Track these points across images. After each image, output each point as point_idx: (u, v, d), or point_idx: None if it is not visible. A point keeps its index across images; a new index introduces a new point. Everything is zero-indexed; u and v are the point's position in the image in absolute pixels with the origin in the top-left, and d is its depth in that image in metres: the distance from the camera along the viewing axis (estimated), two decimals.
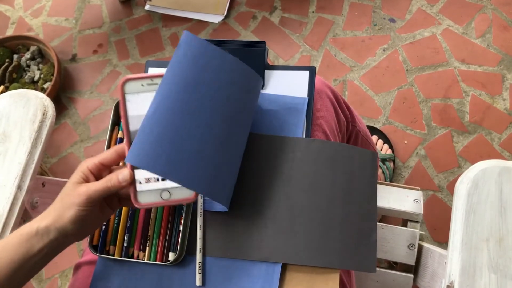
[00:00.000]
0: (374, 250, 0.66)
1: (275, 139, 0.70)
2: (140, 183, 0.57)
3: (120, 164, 0.63)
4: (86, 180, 0.57)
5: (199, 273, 0.65)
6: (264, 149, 0.70)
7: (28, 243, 0.55)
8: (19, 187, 0.72)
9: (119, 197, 0.61)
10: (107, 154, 0.59)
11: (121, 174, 0.56)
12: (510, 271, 0.57)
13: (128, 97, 0.57)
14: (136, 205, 0.57)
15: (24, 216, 0.75)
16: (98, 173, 0.58)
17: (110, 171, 0.59)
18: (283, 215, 0.66)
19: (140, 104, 0.57)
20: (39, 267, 0.58)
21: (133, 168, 0.57)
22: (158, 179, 0.57)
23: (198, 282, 0.65)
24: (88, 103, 1.63)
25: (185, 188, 0.57)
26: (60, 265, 1.40)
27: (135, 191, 0.57)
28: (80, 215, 0.55)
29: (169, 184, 0.57)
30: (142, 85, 0.57)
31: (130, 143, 0.57)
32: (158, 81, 0.57)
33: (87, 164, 0.58)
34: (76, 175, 0.57)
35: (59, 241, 0.56)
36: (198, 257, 0.66)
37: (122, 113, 0.57)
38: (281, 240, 0.65)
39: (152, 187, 0.57)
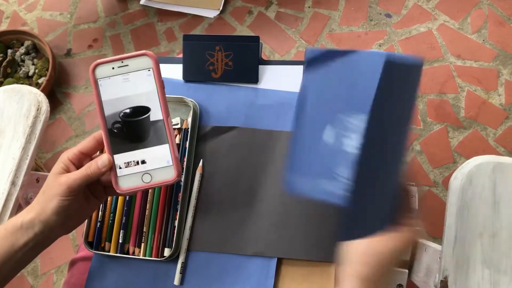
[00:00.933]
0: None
1: (269, 133, 0.70)
2: (120, 168, 0.56)
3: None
4: (67, 170, 0.56)
5: (180, 273, 0.65)
6: (258, 144, 0.70)
7: (13, 237, 0.54)
8: (13, 183, 0.71)
9: (104, 185, 0.60)
10: (86, 142, 0.58)
11: (100, 160, 0.55)
12: (503, 266, 0.57)
13: (100, 82, 0.56)
14: (118, 191, 0.56)
15: (18, 212, 0.74)
16: (79, 162, 0.57)
17: (91, 160, 0.58)
18: (278, 210, 0.66)
19: (112, 88, 0.56)
20: (27, 261, 0.57)
21: (111, 152, 0.56)
22: (138, 162, 0.56)
23: (176, 281, 0.65)
24: (83, 98, 1.62)
25: (166, 169, 0.56)
26: (56, 260, 1.40)
27: (116, 176, 0.56)
28: (63, 205, 0.54)
29: (149, 166, 0.56)
30: (113, 68, 0.56)
31: (106, 128, 0.56)
32: (128, 62, 0.55)
33: (67, 155, 0.57)
34: (57, 166, 0.56)
35: (45, 234, 0.55)
36: (182, 257, 0.66)
37: (95, 99, 0.56)
38: (276, 234, 0.65)
39: (133, 171, 0.56)
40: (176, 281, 0.65)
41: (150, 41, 1.68)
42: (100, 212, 0.68)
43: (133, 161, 0.56)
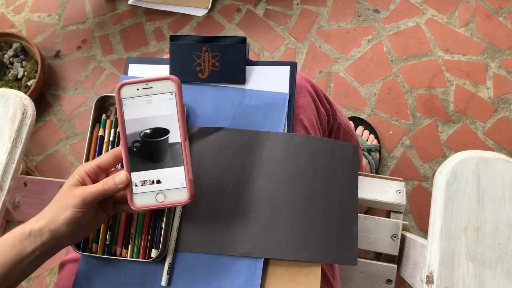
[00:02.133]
0: (355, 243, 0.66)
1: (256, 134, 0.70)
2: (136, 185, 0.59)
3: (118, 167, 0.64)
4: (83, 183, 0.57)
5: (167, 274, 0.66)
6: (245, 144, 0.70)
7: (21, 245, 0.55)
8: (0, 188, 0.71)
9: (114, 201, 0.62)
10: (104, 157, 0.59)
11: (118, 177, 0.57)
12: (487, 260, 0.58)
13: (125, 102, 0.58)
14: (132, 207, 0.59)
15: (6, 216, 0.74)
16: (96, 176, 0.59)
17: (107, 175, 0.60)
18: (265, 210, 0.66)
19: (135, 108, 0.58)
20: (31, 269, 0.58)
21: (129, 170, 0.58)
22: (153, 182, 0.58)
23: (163, 282, 0.65)
24: (72, 100, 1.62)
25: (179, 190, 0.58)
26: (49, 263, 1.39)
27: (132, 193, 0.59)
28: (75, 217, 0.55)
29: (164, 186, 0.58)
30: (137, 89, 0.58)
31: (126, 146, 0.58)
32: (153, 84, 0.58)
33: (84, 168, 0.58)
34: (73, 178, 0.57)
35: (52, 243, 0.56)
36: (169, 258, 0.66)
37: (119, 118, 0.58)
38: (263, 235, 0.65)
39: (148, 190, 0.59)
40: (163, 282, 0.65)
41: (139, 41, 1.68)
42: None
43: (149, 180, 0.59)
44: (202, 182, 0.69)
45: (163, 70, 0.75)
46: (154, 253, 0.66)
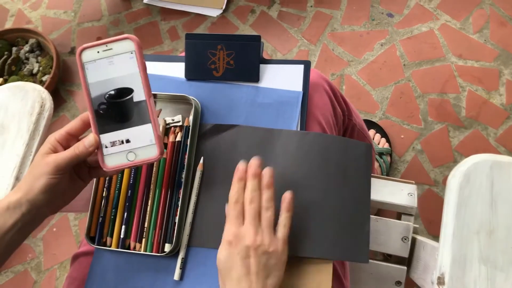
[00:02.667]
0: (367, 240, 0.66)
1: (269, 132, 0.71)
2: (106, 147, 0.59)
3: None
4: (55, 151, 0.58)
5: (180, 268, 0.66)
6: (258, 142, 0.70)
7: (1, 219, 0.55)
8: (17, 178, 0.73)
9: (89, 166, 0.62)
10: (73, 123, 0.60)
11: (87, 140, 0.57)
12: (499, 263, 0.58)
13: (87, 66, 0.59)
14: (104, 169, 0.59)
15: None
16: (67, 143, 0.59)
17: (78, 141, 0.60)
18: (277, 207, 0.67)
19: (98, 71, 0.58)
20: (17, 243, 0.58)
21: (98, 132, 0.59)
22: (123, 141, 0.59)
23: (176, 277, 0.66)
24: None
25: (149, 147, 0.59)
26: (59, 256, 1.41)
27: (102, 155, 0.59)
28: (50, 183, 0.56)
29: (133, 145, 0.59)
30: (98, 52, 0.58)
31: (92, 109, 0.59)
32: (112, 45, 0.58)
33: (54, 136, 0.58)
34: (44, 147, 0.58)
35: (32, 213, 0.56)
36: (182, 253, 0.67)
37: (82, 82, 0.59)
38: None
39: (118, 150, 0.59)
40: (176, 276, 0.66)
41: (154, 40, 1.69)
42: (102, 208, 0.69)
43: (118, 140, 0.59)
44: (216, 178, 0.70)
45: (179, 67, 0.76)
46: (167, 247, 0.67)
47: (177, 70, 0.76)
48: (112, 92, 0.58)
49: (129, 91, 0.58)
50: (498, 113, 1.41)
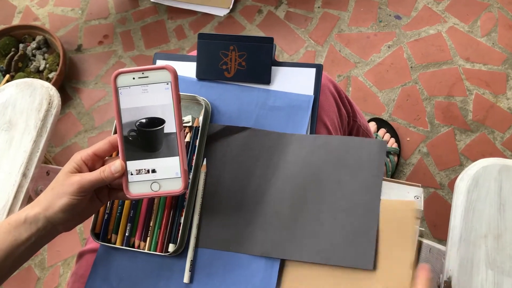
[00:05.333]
0: (372, 246, 0.65)
1: (281, 136, 0.70)
2: (132, 174, 0.59)
3: (113, 155, 0.65)
4: (79, 171, 0.58)
5: (189, 271, 0.66)
6: (270, 146, 0.70)
7: (17, 232, 0.56)
8: (24, 175, 0.73)
9: (110, 188, 0.62)
10: (100, 145, 0.60)
11: (114, 165, 0.57)
12: (507, 268, 0.58)
13: (121, 90, 0.59)
14: (127, 195, 0.59)
15: (29, 203, 0.75)
16: (92, 163, 0.59)
17: (103, 163, 0.61)
18: (286, 212, 0.66)
19: (131, 97, 0.59)
20: (27, 256, 0.59)
21: (125, 159, 0.59)
22: (148, 171, 0.59)
23: (186, 279, 0.66)
24: (92, 94, 1.63)
25: (174, 180, 0.59)
26: (63, 253, 1.42)
27: (127, 182, 0.59)
28: (72, 204, 0.56)
29: (159, 176, 0.59)
30: (133, 78, 0.58)
31: (122, 134, 0.59)
32: (149, 74, 0.58)
33: (80, 155, 0.59)
34: (69, 165, 0.58)
35: (47, 229, 0.57)
36: (190, 255, 0.66)
37: (114, 106, 0.59)
38: (283, 236, 0.65)
39: (143, 179, 0.59)
40: (186, 279, 0.66)
41: (160, 39, 1.69)
42: (108, 205, 0.69)
43: (144, 169, 0.59)
44: (225, 180, 0.70)
45: (190, 67, 0.76)
46: (171, 247, 0.67)
47: (188, 69, 0.76)
48: (143, 121, 0.59)
49: (160, 121, 0.58)
50: (505, 117, 1.40)
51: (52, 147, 1.57)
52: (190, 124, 0.71)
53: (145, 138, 0.59)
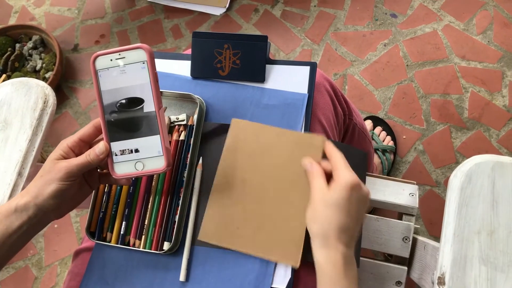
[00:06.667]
0: (358, 246, 0.67)
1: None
2: (116, 155, 0.60)
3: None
4: (66, 157, 0.58)
5: (186, 269, 0.66)
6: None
7: (8, 221, 0.56)
8: (19, 174, 0.73)
9: (100, 173, 0.63)
10: (85, 130, 0.60)
11: (98, 148, 0.58)
12: (500, 263, 0.58)
13: (100, 73, 0.59)
14: (113, 176, 0.60)
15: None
16: (79, 149, 0.60)
17: (90, 147, 0.61)
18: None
19: (110, 79, 0.59)
20: (20, 245, 0.59)
21: (108, 140, 0.60)
22: (132, 151, 0.60)
23: (182, 278, 0.66)
24: (89, 93, 1.63)
25: (157, 158, 0.59)
26: (60, 253, 1.42)
27: (112, 163, 0.60)
28: (61, 189, 0.56)
29: (142, 155, 0.59)
30: (111, 60, 0.59)
31: (104, 117, 0.59)
32: (125, 54, 0.59)
33: (66, 142, 0.59)
34: (56, 153, 0.58)
35: (38, 217, 0.57)
36: (186, 253, 0.67)
37: (95, 89, 0.60)
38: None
39: (127, 159, 0.60)
40: (182, 278, 0.66)
41: (157, 38, 1.69)
42: (103, 203, 0.69)
43: (128, 149, 0.60)
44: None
45: (184, 65, 0.76)
46: (166, 245, 0.67)
47: (182, 68, 0.76)
48: (123, 101, 0.59)
49: (139, 101, 0.59)
50: (500, 115, 1.40)
51: (49, 146, 1.57)
52: (184, 122, 0.71)
53: (126, 119, 0.59)
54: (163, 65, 0.77)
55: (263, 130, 0.70)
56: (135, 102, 0.59)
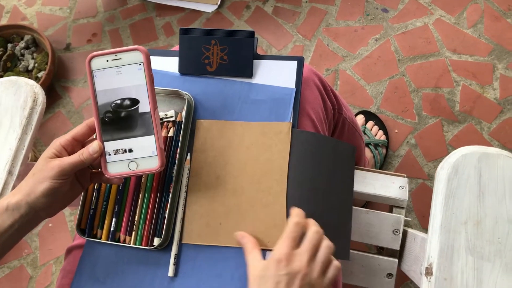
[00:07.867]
0: (348, 239, 0.68)
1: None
2: (110, 154, 0.61)
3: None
4: (59, 156, 0.59)
5: (174, 265, 0.67)
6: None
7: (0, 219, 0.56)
8: (9, 172, 0.73)
9: (91, 172, 0.63)
10: (78, 129, 0.61)
11: (91, 147, 0.59)
12: (486, 253, 0.59)
13: (95, 73, 0.60)
14: (106, 175, 0.61)
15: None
16: (72, 148, 0.60)
17: (83, 146, 0.61)
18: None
19: (106, 79, 0.60)
20: (11, 244, 0.59)
21: (102, 140, 0.60)
22: (125, 150, 0.60)
23: (170, 273, 0.66)
24: (82, 92, 1.63)
25: (151, 158, 0.60)
26: (55, 251, 1.42)
27: (105, 162, 0.61)
28: (53, 188, 0.56)
29: (135, 155, 0.60)
30: (107, 60, 0.60)
31: (98, 116, 0.60)
32: (121, 55, 0.60)
33: (59, 141, 0.59)
34: (48, 151, 0.59)
35: (30, 216, 0.57)
36: (174, 249, 0.67)
37: (90, 89, 0.60)
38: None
39: (121, 158, 0.61)
40: (171, 273, 0.66)
41: (149, 36, 1.69)
42: (93, 200, 0.70)
43: (121, 149, 0.61)
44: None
45: (172, 62, 0.76)
46: (156, 241, 0.67)
47: (170, 64, 0.77)
48: (118, 101, 0.60)
49: (135, 101, 0.60)
50: (491, 108, 1.41)
51: (42, 146, 1.57)
52: (173, 118, 0.71)
53: (121, 119, 0.60)
54: (152, 62, 0.77)
55: (228, 125, 0.71)
56: (131, 102, 0.60)
